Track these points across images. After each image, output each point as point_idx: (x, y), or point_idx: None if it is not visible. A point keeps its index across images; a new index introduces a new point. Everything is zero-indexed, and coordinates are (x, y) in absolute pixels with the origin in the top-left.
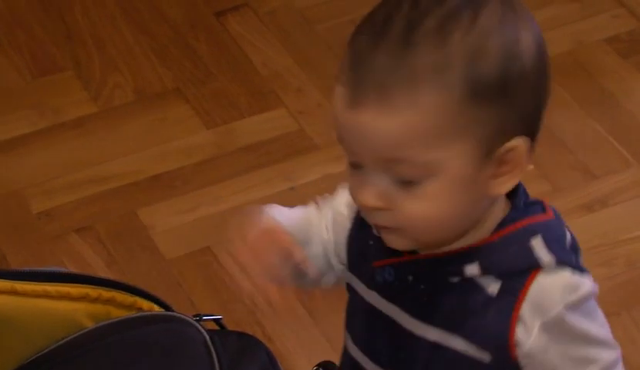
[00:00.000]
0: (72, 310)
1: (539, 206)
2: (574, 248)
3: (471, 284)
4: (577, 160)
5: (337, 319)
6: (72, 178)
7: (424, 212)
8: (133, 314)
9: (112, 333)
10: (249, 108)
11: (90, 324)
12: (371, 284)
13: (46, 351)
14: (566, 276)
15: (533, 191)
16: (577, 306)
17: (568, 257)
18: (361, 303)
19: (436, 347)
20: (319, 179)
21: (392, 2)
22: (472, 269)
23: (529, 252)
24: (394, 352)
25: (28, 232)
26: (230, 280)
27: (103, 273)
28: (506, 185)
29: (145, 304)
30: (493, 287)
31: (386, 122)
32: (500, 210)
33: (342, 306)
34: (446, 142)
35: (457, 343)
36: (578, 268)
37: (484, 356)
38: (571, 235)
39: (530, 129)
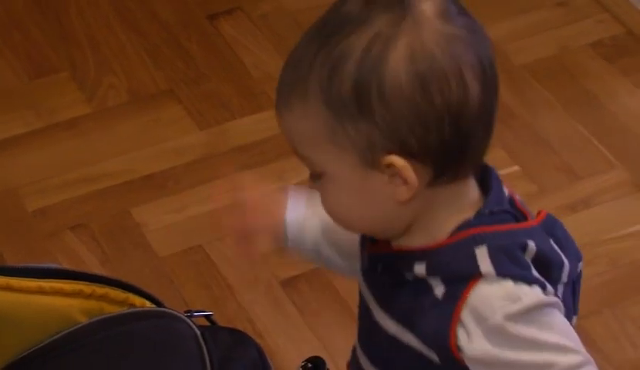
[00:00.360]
0: (66, 306)
1: (508, 215)
2: (541, 261)
3: (423, 283)
4: (562, 161)
5: (326, 316)
6: (66, 177)
7: (326, 204)
8: (125, 310)
9: (105, 328)
10: (241, 109)
11: (84, 320)
12: (360, 268)
13: (40, 345)
14: (507, 286)
15: (518, 192)
16: (519, 316)
17: (512, 269)
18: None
19: (395, 340)
20: None
21: None
22: (419, 268)
23: (471, 260)
24: (367, 337)
25: (24, 230)
26: (221, 277)
27: (97, 270)
28: (404, 195)
29: (137, 301)
30: (439, 289)
31: (280, 119)
32: (460, 216)
33: (331, 303)
34: (322, 147)
35: (411, 339)
36: (525, 280)
37: (433, 356)
38: (541, 248)
39: (409, 150)
